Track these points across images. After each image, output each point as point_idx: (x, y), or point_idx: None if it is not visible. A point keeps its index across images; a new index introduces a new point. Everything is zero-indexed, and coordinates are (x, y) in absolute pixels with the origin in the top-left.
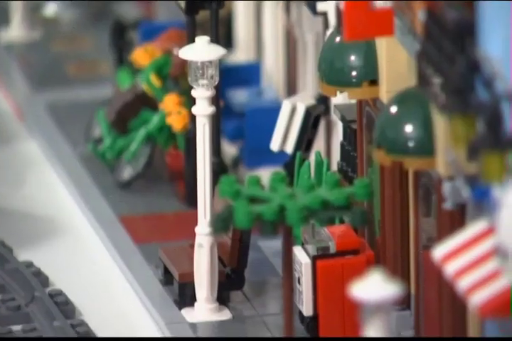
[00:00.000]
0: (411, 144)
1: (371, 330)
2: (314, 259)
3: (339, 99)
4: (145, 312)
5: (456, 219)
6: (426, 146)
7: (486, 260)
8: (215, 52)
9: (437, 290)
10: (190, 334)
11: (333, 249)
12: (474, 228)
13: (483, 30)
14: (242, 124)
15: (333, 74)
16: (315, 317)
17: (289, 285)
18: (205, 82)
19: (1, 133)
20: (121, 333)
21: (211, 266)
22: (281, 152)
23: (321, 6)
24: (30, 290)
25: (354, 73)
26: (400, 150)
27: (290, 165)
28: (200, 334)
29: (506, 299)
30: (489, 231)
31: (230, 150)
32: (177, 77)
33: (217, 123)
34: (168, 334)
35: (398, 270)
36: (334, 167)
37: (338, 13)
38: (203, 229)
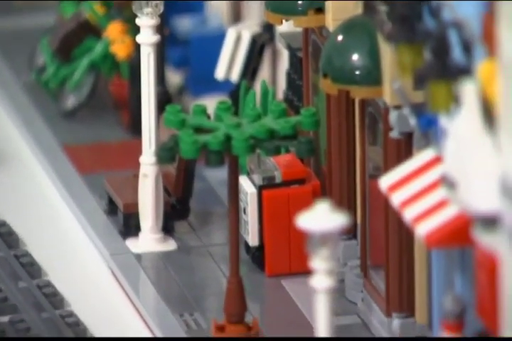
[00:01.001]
0: (357, 73)
1: (318, 260)
2: (260, 189)
3: (285, 27)
4: (89, 242)
5: (403, 148)
6: (372, 75)
7: (433, 189)
8: None
9: (384, 219)
10: (135, 265)
11: (279, 179)
12: (421, 157)
13: None
14: (187, 52)
15: (278, 2)
16: (261, 248)
17: (234, 215)
18: (149, 10)
19: None
20: (65, 262)
21: (156, 196)
22: (227, 80)
23: None
24: None
25: (300, 1)
26: (347, 79)
27: (235, 94)
28: (145, 265)
29: (453, 228)
30: (436, 161)
31: (174, 78)
32: (121, 5)
33: (161, 51)
34: (113, 265)
35: (344, 199)
36: (280, 96)
37: None
38: (147, 159)
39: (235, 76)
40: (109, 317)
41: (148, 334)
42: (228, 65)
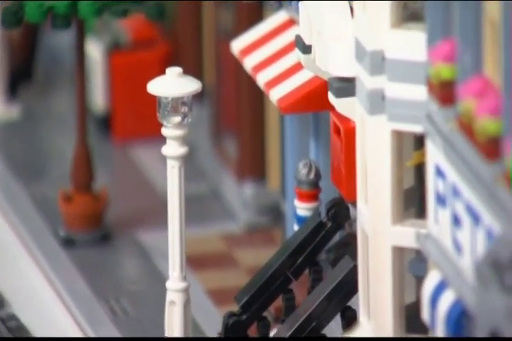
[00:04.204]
0: None
1: (168, 127)
2: (108, 54)
3: None
4: None
5: (255, 11)
6: None
7: (287, 53)
8: None
9: (235, 84)
10: None
11: (127, 43)
12: (274, 20)
13: None
14: None
15: None
16: (109, 116)
17: (80, 81)
18: None
19: None
20: None
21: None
22: None
23: None
24: None
25: None
26: None
27: None
28: None
29: (307, 93)
30: (289, 23)
31: None
32: None
33: None
34: None
35: (195, 64)
36: None
37: None
38: None
39: None
40: None
41: None
42: None
